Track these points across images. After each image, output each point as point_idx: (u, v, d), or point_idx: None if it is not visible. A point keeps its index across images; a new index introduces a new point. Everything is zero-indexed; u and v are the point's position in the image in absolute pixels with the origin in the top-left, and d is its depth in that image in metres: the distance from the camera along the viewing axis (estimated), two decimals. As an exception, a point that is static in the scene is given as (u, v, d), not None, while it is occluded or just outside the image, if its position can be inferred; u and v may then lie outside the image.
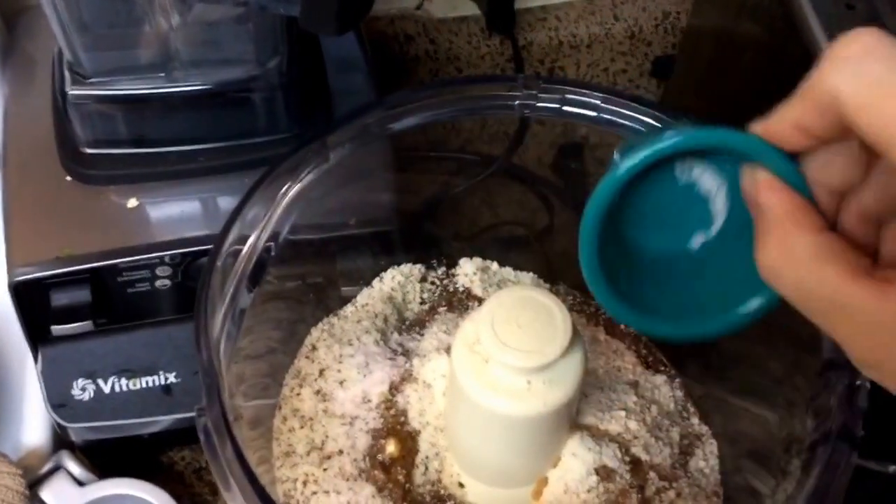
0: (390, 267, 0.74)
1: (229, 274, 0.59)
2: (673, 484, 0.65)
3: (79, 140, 0.75)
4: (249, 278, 0.60)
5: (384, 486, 0.62)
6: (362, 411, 0.65)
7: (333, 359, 0.67)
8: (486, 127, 0.92)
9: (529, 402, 0.55)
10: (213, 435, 0.50)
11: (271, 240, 0.61)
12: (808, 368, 0.57)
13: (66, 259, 0.72)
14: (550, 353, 0.54)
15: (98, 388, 0.78)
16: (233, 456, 0.49)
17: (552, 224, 0.86)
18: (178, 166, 0.76)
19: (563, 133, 0.84)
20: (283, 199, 0.61)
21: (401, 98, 0.63)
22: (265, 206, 0.61)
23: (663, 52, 1.08)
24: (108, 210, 0.76)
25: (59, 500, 0.80)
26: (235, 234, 0.59)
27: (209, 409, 0.50)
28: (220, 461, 0.49)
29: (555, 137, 0.84)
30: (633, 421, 0.66)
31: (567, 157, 0.86)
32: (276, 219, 0.61)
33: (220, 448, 0.49)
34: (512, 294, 0.56)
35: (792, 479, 0.55)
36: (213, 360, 0.53)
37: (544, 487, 0.62)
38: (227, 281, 0.58)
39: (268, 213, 0.61)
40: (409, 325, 0.72)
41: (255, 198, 0.59)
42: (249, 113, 0.76)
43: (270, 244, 0.61)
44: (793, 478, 0.55)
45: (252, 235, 0.60)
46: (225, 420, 0.50)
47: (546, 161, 0.86)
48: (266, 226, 0.60)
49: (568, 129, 0.84)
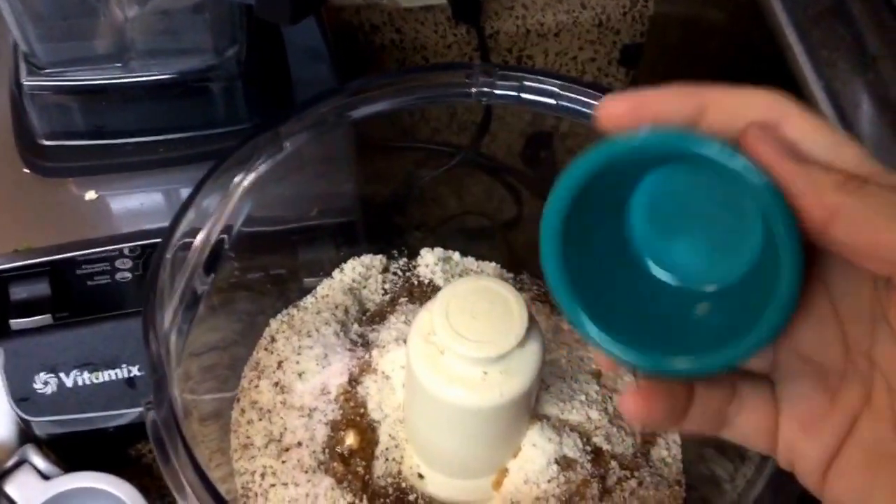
0: (351, 258, 0.73)
1: (181, 266, 0.58)
2: (634, 473, 0.64)
3: (36, 132, 0.74)
4: (203, 270, 0.59)
5: (343, 478, 0.62)
6: (321, 403, 0.64)
7: (292, 350, 0.66)
8: (455, 117, 0.92)
9: (486, 393, 0.55)
10: (162, 431, 0.49)
11: (225, 231, 0.60)
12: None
13: (24, 252, 0.72)
14: (506, 343, 0.54)
15: (60, 381, 0.78)
16: (183, 453, 0.48)
17: (521, 214, 0.86)
18: (137, 158, 0.75)
19: (532, 123, 0.84)
20: (236, 189, 0.60)
21: (357, 87, 0.63)
22: (218, 196, 0.60)
23: (631, 40, 1.08)
24: (67, 202, 0.75)
25: (23, 494, 0.80)
26: (186, 225, 0.58)
27: (157, 406, 0.50)
28: (170, 458, 0.49)
29: (524, 127, 0.84)
30: (594, 411, 0.65)
31: (536, 147, 0.85)
32: (230, 210, 0.60)
33: (170, 444, 0.49)
34: (467, 284, 0.56)
35: (751, 464, 0.55)
36: (161, 355, 0.52)
37: (504, 478, 0.62)
38: (179, 273, 0.58)
39: (221, 204, 0.60)
40: (370, 317, 0.71)
41: (206, 189, 0.59)
42: (209, 103, 0.75)
43: (224, 236, 0.61)
44: (751, 462, 0.55)
45: (205, 227, 0.59)
46: (174, 416, 0.49)
47: (515, 150, 0.86)
48: (219, 217, 0.59)
49: (537, 118, 0.83)
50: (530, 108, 0.65)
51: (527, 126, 0.84)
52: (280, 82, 0.80)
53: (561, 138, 0.84)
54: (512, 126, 0.86)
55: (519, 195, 0.86)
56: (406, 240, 0.77)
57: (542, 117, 0.82)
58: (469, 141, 0.87)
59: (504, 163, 0.86)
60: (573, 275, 0.38)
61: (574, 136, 0.83)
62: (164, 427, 0.49)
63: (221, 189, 0.60)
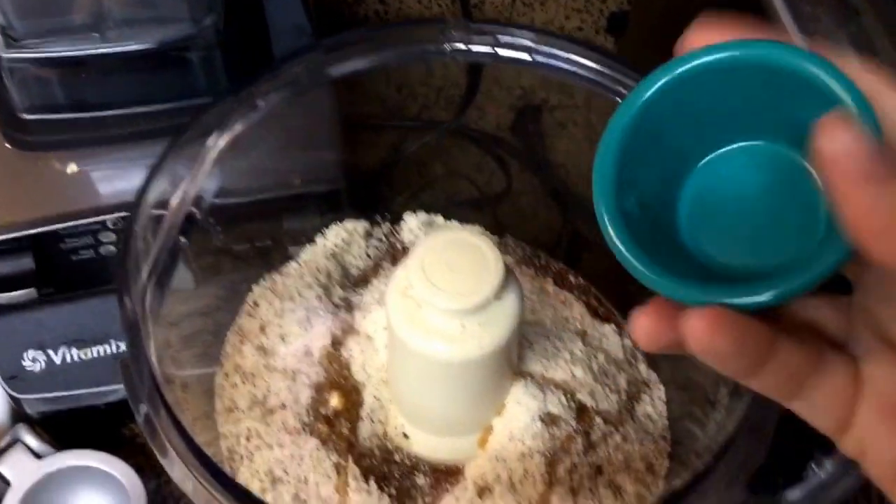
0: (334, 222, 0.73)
1: (156, 230, 0.58)
2: (619, 428, 0.64)
3: (16, 106, 0.74)
4: (179, 234, 0.59)
5: (328, 439, 0.62)
6: (304, 365, 0.64)
7: (275, 314, 0.67)
8: (442, 92, 0.92)
9: (464, 346, 0.55)
10: (135, 381, 0.49)
11: (200, 195, 0.60)
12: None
13: (6, 226, 0.72)
14: (482, 294, 0.54)
15: (49, 358, 0.78)
16: (156, 397, 0.48)
17: (510, 186, 0.86)
18: (117, 130, 0.75)
19: (521, 96, 0.84)
20: (209, 152, 0.60)
21: (330, 43, 0.63)
22: (191, 160, 0.59)
23: (618, 7, 1.08)
24: (49, 176, 0.75)
25: (16, 473, 0.80)
26: (158, 190, 0.58)
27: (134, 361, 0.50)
28: (142, 402, 0.49)
29: (514, 101, 0.84)
30: (578, 368, 0.65)
31: (526, 120, 0.85)
32: (205, 173, 0.60)
33: (142, 392, 0.49)
34: (442, 237, 0.56)
35: (720, 407, 0.55)
36: (136, 312, 0.52)
37: (490, 436, 0.62)
38: (155, 237, 0.58)
39: (194, 168, 0.59)
40: (354, 282, 0.71)
41: (178, 153, 0.59)
42: (188, 74, 0.75)
43: (200, 199, 0.60)
44: (721, 405, 0.55)
45: (178, 191, 0.59)
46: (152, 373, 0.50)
47: (505, 125, 0.86)
48: (193, 181, 0.59)
49: (527, 92, 0.83)
50: (508, 66, 0.65)
51: (516, 100, 0.84)
52: (261, 53, 0.80)
53: (550, 111, 0.84)
54: (501, 101, 0.86)
55: (508, 168, 0.86)
56: (390, 206, 0.77)
57: (532, 90, 0.82)
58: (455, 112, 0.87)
59: (494, 135, 0.86)
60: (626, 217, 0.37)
61: (563, 108, 0.84)
62: (137, 375, 0.49)
63: (194, 152, 0.60)
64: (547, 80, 0.77)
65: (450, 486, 0.62)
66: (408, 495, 0.62)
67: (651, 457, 0.64)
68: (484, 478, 0.61)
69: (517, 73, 0.83)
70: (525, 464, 0.60)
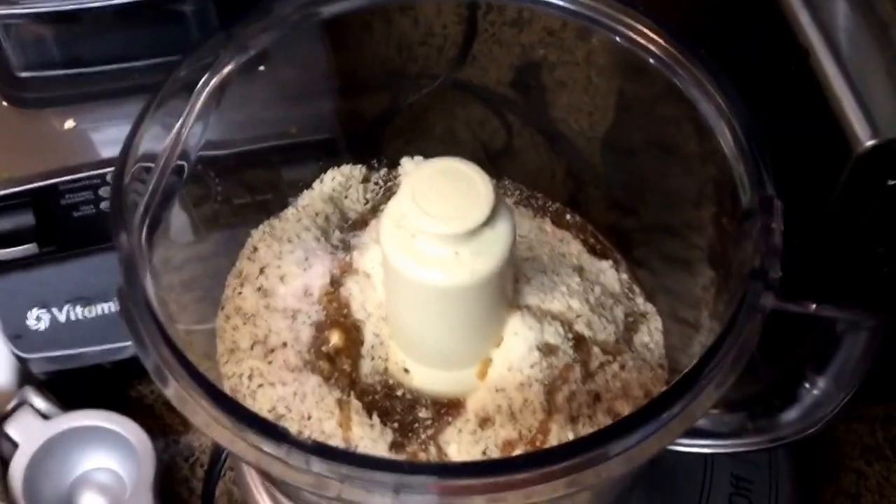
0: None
1: (150, 176, 0.58)
2: (617, 358, 0.65)
3: (12, 64, 0.75)
4: (173, 174, 0.59)
5: (330, 376, 0.63)
6: (304, 305, 0.65)
7: (273, 256, 0.67)
8: (443, 53, 0.92)
9: (457, 272, 0.56)
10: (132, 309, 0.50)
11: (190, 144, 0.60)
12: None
13: (5, 182, 0.73)
14: (474, 219, 0.54)
15: (53, 316, 0.79)
16: (155, 330, 0.49)
17: (511, 141, 0.86)
18: (112, 85, 0.76)
19: (521, 54, 0.84)
20: (200, 94, 0.60)
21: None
22: (182, 103, 0.60)
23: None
24: (46, 133, 0.76)
25: (24, 434, 0.81)
26: (149, 137, 0.58)
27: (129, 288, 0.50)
28: (143, 335, 0.49)
29: (512, 58, 0.85)
30: (575, 300, 0.66)
31: (526, 77, 0.86)
32: (196, 119, 0.60)
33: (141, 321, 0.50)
34: (432, 166, 0.57)
35: (703, 331, 0.56)
36: (132, 245, 0.53)
37: (488, 367, 0.63)
38: (148, 181, 0.58)
39: (187, 111, 0.60)
40: (352, 225, 0.72)
41: (167, 97, 0.59)
42: (182, 28, 0.76)
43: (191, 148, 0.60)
44: (704, 328, 0.55)
45: (170, 135, 0.59)
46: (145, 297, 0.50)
47: (505, 81, 0.86)
48: (185, 124, 0.59)
49: (526, 49, 0.84)
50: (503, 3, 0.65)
51: (515, 58, 0.85)
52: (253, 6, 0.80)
53: (549, 68, 0.84)
54: (501, 58, 0.86)
55: (508, 123, 0.87)
56: (387, 152, 0.77)
57: (530, 49, 0.82)
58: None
59: (495, 90, 0.87)
60: None
61: (563, 65, 0.84)
62: (133, 304, 0.50)
63: (184, 96, 0.60)
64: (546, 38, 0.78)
65: (451, 418, 0.63)
66: (410, 429, 0.63)
67: (649, 384, 0.65)
68: (485, 409, 0.62)
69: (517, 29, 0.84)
70: (524, 393, 0.61)
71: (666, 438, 0.49)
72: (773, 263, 0.52)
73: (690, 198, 0.66)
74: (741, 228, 0.55)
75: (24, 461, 0.80)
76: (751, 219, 0.54)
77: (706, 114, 0.60)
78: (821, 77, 0.66)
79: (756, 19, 0.74)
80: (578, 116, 0.84)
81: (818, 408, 0.58)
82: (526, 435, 0.61)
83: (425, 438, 0.63)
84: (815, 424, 0.58)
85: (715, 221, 0.62)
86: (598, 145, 0.81)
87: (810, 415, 0.58)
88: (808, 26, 0.69)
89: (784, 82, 0.70)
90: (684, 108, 0.61)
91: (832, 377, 0.57)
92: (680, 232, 0.68)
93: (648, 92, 0.66)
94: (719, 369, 0.49)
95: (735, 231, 0.56)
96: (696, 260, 0.66)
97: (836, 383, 0.57)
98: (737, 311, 0.51)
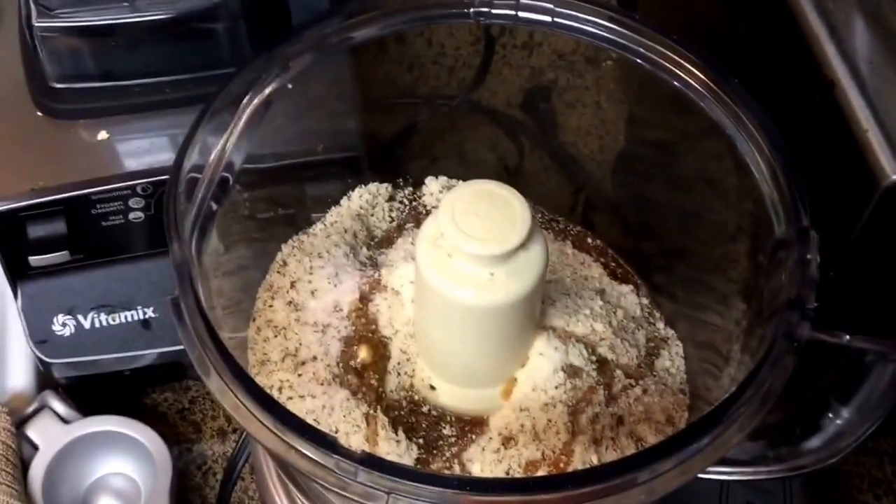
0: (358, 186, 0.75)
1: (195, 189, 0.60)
2: (639, 382, 0.66)
3: (48, 75, 0.76)
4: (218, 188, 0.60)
5: (358, 390, 0.64)
6: (334, 319, 0.66)
7: (304, 271, 0.68)
8: (454, 73, 0.94)
9: (493, 293, 0.57)
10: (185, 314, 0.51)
11: (235, 154, 0.62)
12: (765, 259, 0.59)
13: (39, 191, 0.74)
14: (511, 240, 0.55)
15: (78, 323, 0.80)
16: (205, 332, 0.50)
17: (522, 162, 0.88)
18: (145, 98, 0.77)
19: (531, 76, 0.86)
20: (244, 113, 0.61)
21: (357, 6, 0.64)
22: (227, 120, 0.61)
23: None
24: (79, 143, 0.77)
25: (45, 437, 0.82)
26: (198, 147, 0.59)
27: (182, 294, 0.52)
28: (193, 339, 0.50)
29: (522, 81, 0.86)
30: (599, 323, 0.67)
31: (536, 100, 0.87)
32: (238, 136, 0.61)
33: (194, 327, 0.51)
34: (470, 188, 0.58)
35: (733, 362, 0.56)
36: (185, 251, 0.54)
37: (513, 387, 0.64)
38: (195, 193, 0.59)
39: (228, 131, 0.61)
40: (378, 242, 0.73)
41: (215, 111, 0.60)
42: (213, 44, 0.77)
43: (234, 160, 0.62)
44: (734, 360, 0.56)
45: (215, 149, 0.60)
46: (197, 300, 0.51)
47: (515, 104, 0.88)
48: (227, 143, 0.61)
49: (536, 72, 0.85)
50: (527, 27, 0.66)
51: (526, 80, 0.86)
52: (282, 24, 0.82)
53: (559, 92, 0.86)
54: (511, 80, 0.87)
55: (520, 144, 0.88)
56: (410, 170, 0.78)
57: (541, 70, 0.83)
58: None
59: (506, 112, 0.88)
60: None
61: (573, 89, 0.85)
62: (188, 312, 0.51)
63: (231, 111, 0.61)
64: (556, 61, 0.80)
65: (475, 436, 0.64)
66: (435, 445, 0.63)
67: (670, 409, 0.66)
68: (508, 428, 0.63)
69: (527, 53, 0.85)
70: (548, 413, 0.62)
71: (695, 468, 0.50)
72: (809, 294, 0.53)
73: (718, 226, 0.67)
74: (774, 258, 0.56)
75: (43, 464, 0.81)
76: (785, 249, 0.55)
77: (738, 142, 0.61)
78: (846, 108, 0.67)
79: (781, 50, 0.75)
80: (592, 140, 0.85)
81: (840, 438, 0.58)
82: (549, 455, 0.62)
83: (449, 456, 0.64)
84: (836, 455, 0.59)
85: (748, 252, 0.63)
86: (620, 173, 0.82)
87: (832, 445, 0.59)
88: (834, 57, 0.69)
89: (809, 113, 0.71)
90: (718, 139, 0.62)
91: (856, 408, 0.58)
92: (704, 260, 0.69)
93: (678, 120, 0.67)
94: (754, 399, 0.50)
95: (768, 261, 0.56)
96: (721, 287, 0.67)
97: (861, 414, 0.58)
98: (773, 341, 0.51)
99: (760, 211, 0.58)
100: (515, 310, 0.59)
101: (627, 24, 0.65)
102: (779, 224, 0.57)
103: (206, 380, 0.51)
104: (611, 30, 0.65)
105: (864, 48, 0.70)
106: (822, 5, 0.71)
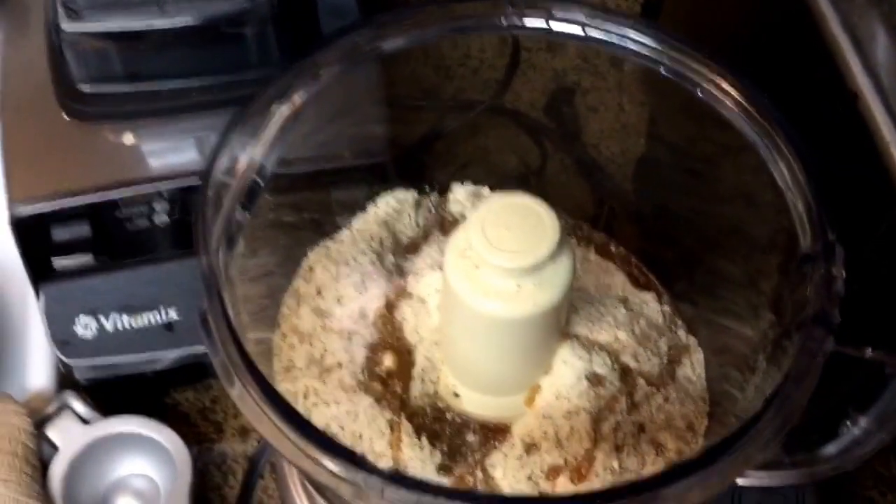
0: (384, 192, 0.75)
1: (224, 195, 0.60)
2: (661, 390, 0.67)
3: (75, 78, 0.76)
4: (246, 198, 0.61)
5: (382, 397, 0.64)
6: (360, 327, 0.67)
7: (330, 278, 0.69)
8: (478, 73, 0.94)
9: (520, 304, 0.57)
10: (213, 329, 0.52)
11: (264, 162, 0.62)
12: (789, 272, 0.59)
13: (65, 193, 0.74)
14: (539, 253, 0.56)
15: (100, 324, 0.80)
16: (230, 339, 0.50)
17: (545, 165, 0.88)
18: (172, 102, 0.77)
19: (554, 78, 0.86)
20: (274, 119, 0.62)
21: (388, 17, 0.64)
22: (256, 128, 0.61)
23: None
24: (105, 146, 0.77)
25: (65, 438, 0.82)
26: (228, 155, 0.60)
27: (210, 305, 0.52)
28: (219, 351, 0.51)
29: (546, 83, 0.86)
30: (621, 331, 0.68)
31: (559, 102, 0.87)
32: (268, 143, 0.62)
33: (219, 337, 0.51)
34: (501, 200, 0.58)
35: (759, 373, 0.57)
36: (212, 266, 0.54)
37: (537, 395, 0.64)
38: (224, 199, 0.60)
39: (259, 137, 0.61)
40: (405, 249, 0.74)
41: (247, 117, 0.60)
42: (241, 48, 0.77)
43: (264, 167, 0.62)
44: (759, 371, 0.57)
45: (244, 154, 0.61)
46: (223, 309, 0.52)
47: (539, 106, 0.88)
48: (257, 150, 0.61)
49: (559, 74, 0.85)
50: (560, 41, 0.67)
51: (549, 82, 0.86)
52: (310, 29, 0.82)
53: (582, 94, 0.86)
54: (535, 83, 0.87)
55: (544, 148, 0.88)
56: (436, 177, 0.79)
57: (564, 73, 0.84)
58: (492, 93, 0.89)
59: (529, 115, 0.88)
60: None
61: (596, 91, 0.85)
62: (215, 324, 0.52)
63: (259, 120, 0.62)
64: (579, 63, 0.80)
65: (498, 443, 0.64)
66: (458, 452, 0.64)
67: (691, 416, 0.66)
68: (531, 435, 0.63)
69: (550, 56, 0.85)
70: (571, 421, 0.63)
71: (716, 486, 0.50)
72: (834, 310, 0.53)
73: (742, 237, 0.67)
74: (799, 272, 0.56)
75: (63, 464, 0.81)
76: (810, 263, 0.55)
77: (764, 153, 0.61)
78: (869, 121, 0.67)
79: (805, 61, 0.76)
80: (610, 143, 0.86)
81: (857, 446, 0.59)
82: (571, 462, 0.63)
83: (472, 462, 0.64)
84: (853, 463, 0.59)
85: (772, 264, 0.63)
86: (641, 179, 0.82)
87: (848, 452, 0.59)
88: (858, 70, 0.69)
89: (832, 125, 0.71)
90: (745, 151, 0.62)
91: (875, 417, 0.58)
92: (725, 270, 0.69)
93: (705, 131, 0.68)
94: (780, 412, 0.51)
95: (793, 274, 0.57)
96: (741, 297, 0.67)
97: (879, 423, 0.58)
98: (796, 356, 0.52)
99: (786, 224, 0.58)
100: (542, 321, 0.59)
101: (668, 40, 0.65)
102: (804, 238, 0.58)
103: (240, 406, 0.51)
104: (642, 44, 0.65)
105: (888, 61, 0.70)
106: (847, 18, 0.72)
